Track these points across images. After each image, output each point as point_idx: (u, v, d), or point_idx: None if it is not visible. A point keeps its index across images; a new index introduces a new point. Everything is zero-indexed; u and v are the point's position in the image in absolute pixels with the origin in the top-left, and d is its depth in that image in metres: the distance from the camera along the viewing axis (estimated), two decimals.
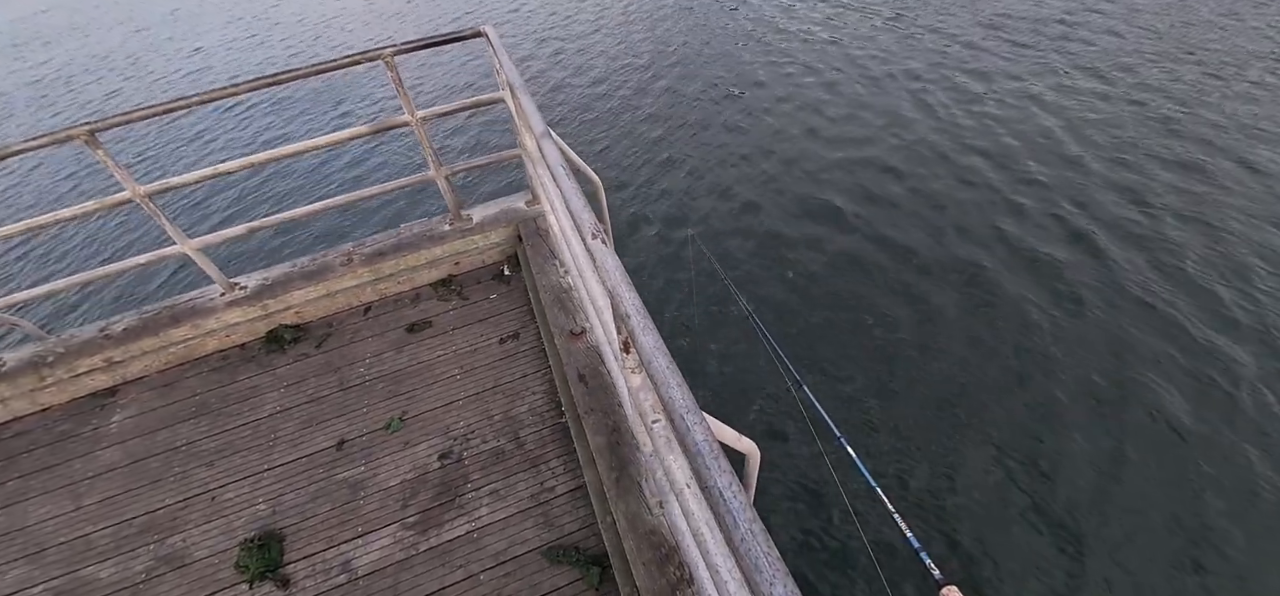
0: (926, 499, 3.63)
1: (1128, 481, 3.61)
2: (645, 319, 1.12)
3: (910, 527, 2.15)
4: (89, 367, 2.76)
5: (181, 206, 8.14)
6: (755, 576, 0.76)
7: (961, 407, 4.10)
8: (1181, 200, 5.66)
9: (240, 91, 2.37)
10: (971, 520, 3.51)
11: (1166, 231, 5.31)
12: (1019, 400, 4.10)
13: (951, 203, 5.97)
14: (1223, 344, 4.30)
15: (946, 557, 3.36)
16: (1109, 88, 7.69)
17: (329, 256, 3.12)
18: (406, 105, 2.65)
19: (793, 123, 7.85)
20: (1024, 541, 3.40)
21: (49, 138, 2.25)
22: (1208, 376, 4.11)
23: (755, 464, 1.42)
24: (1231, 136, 6.41)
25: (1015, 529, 3.45)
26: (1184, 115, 6.88)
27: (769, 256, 5.61)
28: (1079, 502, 3.53)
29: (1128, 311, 4.62)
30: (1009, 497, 3.59)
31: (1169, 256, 5.06)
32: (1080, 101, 7.46)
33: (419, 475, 2.30)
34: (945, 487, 3.66)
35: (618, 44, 11.51)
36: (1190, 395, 4.02)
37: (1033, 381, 4.21)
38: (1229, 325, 4.44)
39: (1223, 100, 7.07)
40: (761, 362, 4.44)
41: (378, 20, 16.02)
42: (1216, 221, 5.35)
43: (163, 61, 15.61)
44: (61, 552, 2.21)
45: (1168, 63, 8.09)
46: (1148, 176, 6.02)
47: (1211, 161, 6.09)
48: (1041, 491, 3.60)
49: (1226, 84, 7.38)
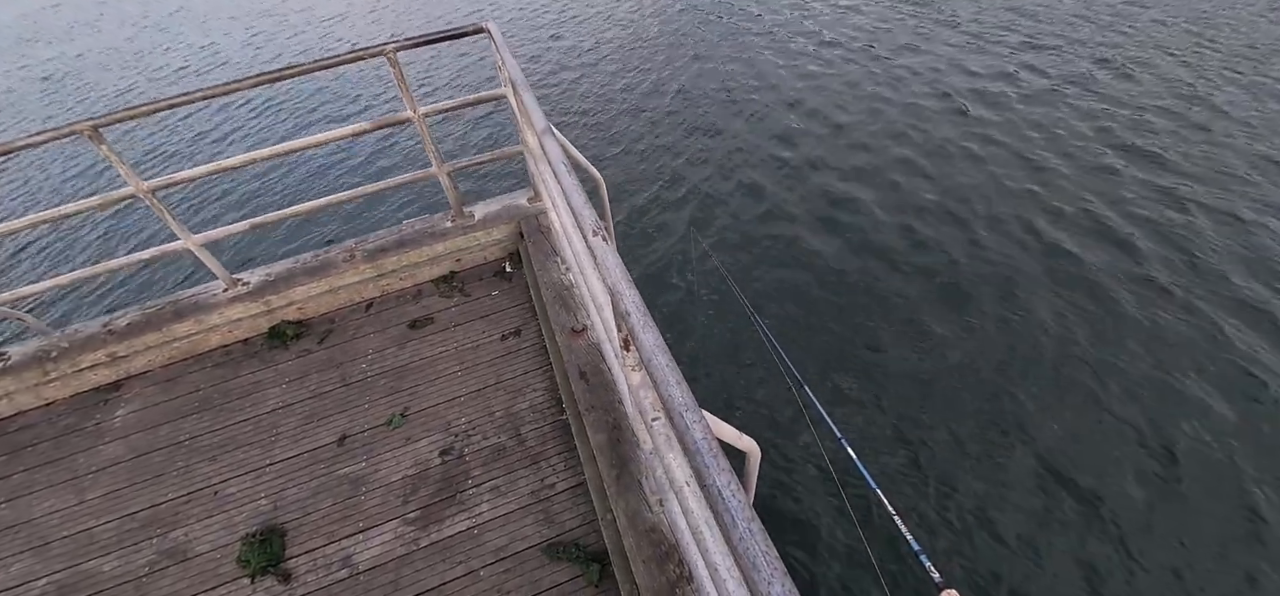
0: (927, 500, 3.62)
1: (1135, 486, 3.60)
2: (645, 316, 1.12)
3: (910, 529, 2.15)
4: (93, 362, 2.77)
5: (185, 202, 8.17)
6: (753, 575, 0.76)
7: (964, 410, 4.09)
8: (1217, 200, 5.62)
9: (243, 87, 2.37)
10: (972, 523, 3.50)
11: (1201, 230, 5.27)
12: (1022, 403, 4.09)
13: (961, 202, 5.95)
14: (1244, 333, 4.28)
15: (947, 560, 3.36)
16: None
17: (331, 253, 3.13)
18: (408, 101, 2.66)
19: (798, 120, 7.83)
20: (1025, 544, 3.39)
21: (52, 133, 2.26)
22: (1235, 371, 4.10)
23: (755, 462, 1.42)
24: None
25: (1016, 532, 3.44)
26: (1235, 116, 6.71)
27: (771, 254, 5.60)
28: (1081, 506, 3.52)
29: (1137, 309, 4.61)
30: (1011, 500, 3.58)
31: (1199, 255, 5.02)
32: (1103, 98, 7.43)
33: (420, 471, 2.31)
34: (947, 490, 3.66)
35: (620, 42, 11.49)
36: (1201, 404, 4.00)
37: (1037, 384, 4.20)
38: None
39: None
40: (763, 361, 4.44)
41: (388, 16, 16.02)
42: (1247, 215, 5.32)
43: (169, 57, 15.64)
44: (65, 546, 2.22)
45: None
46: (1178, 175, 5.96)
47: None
48: (1045, 495, 3.59)
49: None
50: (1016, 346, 4.46)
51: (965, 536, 3.44)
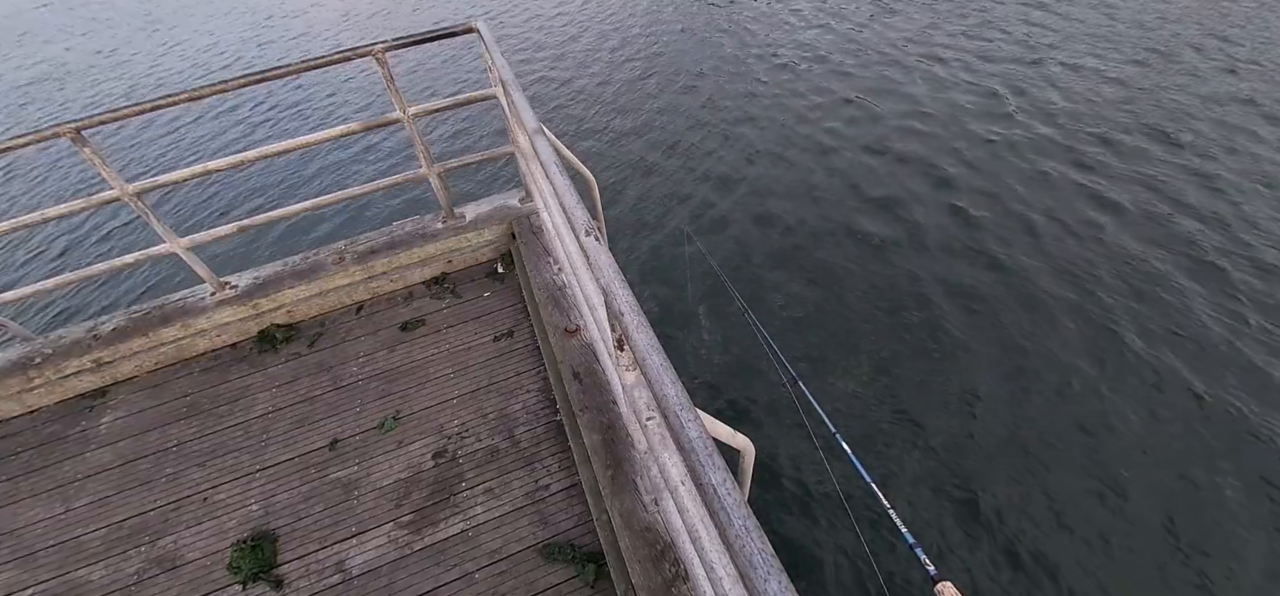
0: (922, 495, 3.65)
1: (1125, 477, 3.64)
2: (639, 316, 1.11)
3: (905, 524, 2.16)
4: (77, 369, 2.73)
5: (170, 205, 8.06)
6: (750, 572, 0.76)
7: (959, 405, 4.12)
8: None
9: (229, 88, 2.34)
10: (967, 516, 3.53)
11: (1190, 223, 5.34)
12: (1017, 399, 4.13)
13: (959, 199, 6.00)
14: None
15: (941, 553, 3.38)
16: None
17: (320, 255, 3.10)
18: (397, 102, 2.63)
19: (793, 117, 7.85)
20: (1020, 535, 3.43)
21: (34, 136, 2.22)
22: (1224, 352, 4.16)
23: (750, 460, 1.42)
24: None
25: (1009, 525, 3.48)
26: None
27: (765, 252, 5.61)
28: (1070, 501, 3.55)
29: (1134, 302, 4.67)
30: (1005, 495, 3.61)
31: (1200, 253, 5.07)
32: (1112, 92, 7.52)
33: (413, 474, 2.29)
34: (941, 484, 3.68)
35: (612, 41, 11.48)
36: (1203, 384, 4.06)
37: (1031, 379, 4.24)
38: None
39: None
40: (757, 358, 4.45)
41: (381, 17, 15.89)
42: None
43: (162, 59, 15.43)
44: (52, 555, 2.18)
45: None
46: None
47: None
48: (1039, 489, 3.63)
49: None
50: (1013, 340, 4.50)
51: (960, 529, 3.47)
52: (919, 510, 3.57)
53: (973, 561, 3.34)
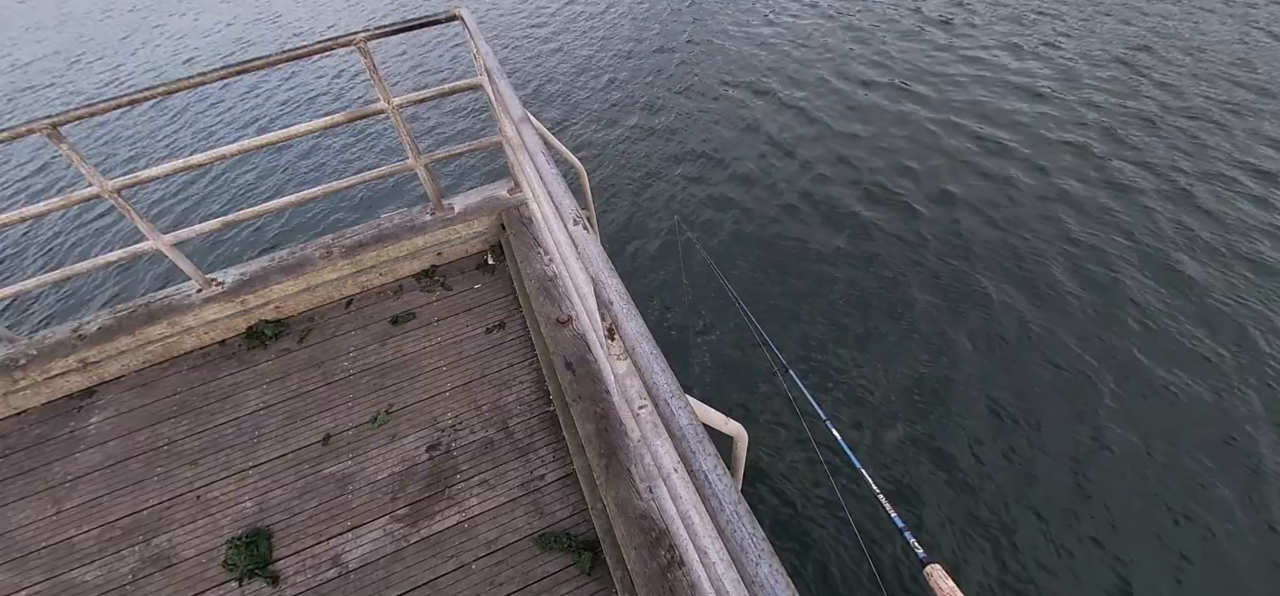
0: (911, 480, 3.70)
1: (1114, 465, 3.71)
2: (628, 304, 1.12)
3: (894, 508, 2.19)
4: (63, 369, 2.70)
5: (153, 201, 7.93)
6: (742, 556, 0.77)
7: (947, 391, 4.16)
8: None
9: (208, 80, 2.30)
10: (955, 500, 3.59)
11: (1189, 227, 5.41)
12: (1004, 384, 4.17)
13: (957, 195, 6.01)
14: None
15: (931, 536, 3.44)
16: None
17: (308, 249, 3.07)
18: (382, 92, 2.60)
19: (784, 108, 7.83)
20: (1007, 521, 3.48)
21: (9, 132, 2.17)
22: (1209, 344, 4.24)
23: (743, 446, 1.44)
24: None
25: (999, 508, 3.53)
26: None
27: (756, 239, 5.62)
28: (1062, 486, 3.60)
29: (1130, 294, 4.73)
30: (993, 478, 3.66)
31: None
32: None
33: (407, 467, 2.29)
34: (930, 469, 3.73)
35: (600, 27, 11.35)
36: (1196, 389, 4.14)
37: (1020, 364, 4.29)
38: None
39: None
40: (748, 346, 4.48)
41: (376, 5, 15.61)
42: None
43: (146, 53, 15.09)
44: (44, 557, 2.17)
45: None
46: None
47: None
48: (1026, 472, 3.68)
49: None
50: (1013, 334, 4.54)
51: (949, 514, 3.52)
52: (910, 495, 3.62)
53: (960, 545, 3.40)
